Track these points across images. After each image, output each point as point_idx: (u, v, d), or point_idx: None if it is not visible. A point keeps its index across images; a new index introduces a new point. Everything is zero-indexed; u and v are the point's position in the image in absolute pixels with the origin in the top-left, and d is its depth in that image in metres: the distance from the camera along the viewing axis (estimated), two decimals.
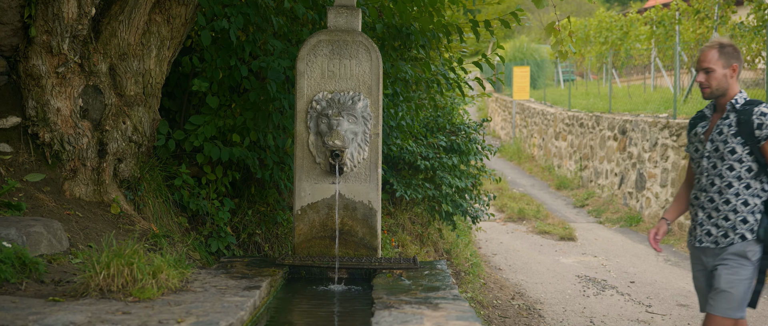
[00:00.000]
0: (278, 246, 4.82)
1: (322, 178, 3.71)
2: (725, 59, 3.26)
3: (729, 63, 3.26)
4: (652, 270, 7.96)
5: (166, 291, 2.70)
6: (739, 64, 3.29)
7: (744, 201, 3.24)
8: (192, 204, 4.27)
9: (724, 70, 3.26)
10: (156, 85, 4.03)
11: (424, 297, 2.91)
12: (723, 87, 3.28)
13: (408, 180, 6.52)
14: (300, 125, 3.71)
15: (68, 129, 3.65)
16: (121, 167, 3.89)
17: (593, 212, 12.12)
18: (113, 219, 3.67)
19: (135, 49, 3.86)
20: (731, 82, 3.28)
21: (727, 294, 3.20)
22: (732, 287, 3.19)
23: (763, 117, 3.17)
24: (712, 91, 3.29)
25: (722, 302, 3.21)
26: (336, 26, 3.74)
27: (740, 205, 3.24)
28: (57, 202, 3.52)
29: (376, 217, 3.73)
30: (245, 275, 3.21)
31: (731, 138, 3.24)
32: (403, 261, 3.60)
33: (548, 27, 5.29)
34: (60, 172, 3.66)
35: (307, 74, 3.70)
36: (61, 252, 3.12)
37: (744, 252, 3.20)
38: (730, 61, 3.26)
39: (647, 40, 17.89)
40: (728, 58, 3.27)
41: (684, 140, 9.76)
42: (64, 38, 3.54)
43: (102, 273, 2.58)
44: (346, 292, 3.38)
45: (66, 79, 3.62)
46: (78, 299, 2.53)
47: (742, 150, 3.22)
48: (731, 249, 3.22)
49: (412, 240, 6.90)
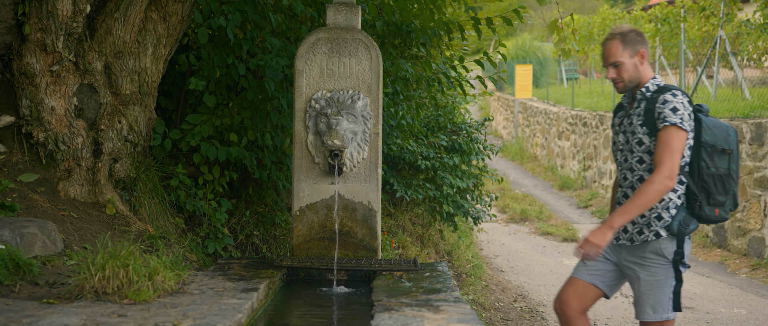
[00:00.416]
0: (276, 248, 4.81)
1: (321, 178, 3.71)
2: (631, 48, 3.14)
3: (635, 50, 3.14)
4: None
5: (162, 293, 2.70)
6: (646, 48, 3.16)
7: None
8: (189, 204, 4.27)
9: (632, 60, 3.13)
10: (152, 83, 4.03)
11: (425, 299, 2.91)
12: (635, 77, 3.15)
13: (408, 181, 6.52)
14: (298, 124, 3.70)
15: (63, 128, 3.64)
16: (117, 167, 3.89)
17: (597, 213, 12.11)
18: (108, 220, 3.67)
19: (131, 47, 3.85)
20: (642, 70, 3.16)
21: (648, 297, 3.13)
22: (652, 289, 3.12)
23: (663, 105, 3.04)
24: (626, 84, 3.17)
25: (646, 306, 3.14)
26: (335, 24, 3.73)
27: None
28: (51, 203, 3.52)
29: (375, 218, 3.73)
30: (243, 277, 3.21)
31: (638, 128, 3.12)
32: (403, 262, 3.59)
33: (551, 25, 5.29)
34: (54, 172, 3.66)
35: (306, 72, 3.70)
36: (56, 253, 3.12)
37: (660, 250, 3.10)
38: (636, 48, 3.14)
39: (652, 38, 17.88)
40: (634, 46, 3.14)
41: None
42: (59, 36, 3.54)
43: (97, 275, 2.58)
44: (346, 294, 3.37)
45: (60, 77, 3.62)
46: (73, 301, 2.52)
47: (649, 141, 3.09)
48: (648, 247, 3.12)
49: (412, 241, 6.89)
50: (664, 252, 3.11)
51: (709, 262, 8.38)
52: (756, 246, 8.09)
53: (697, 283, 7.41)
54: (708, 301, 6.70)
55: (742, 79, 11.28)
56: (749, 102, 10.16)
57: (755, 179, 8.18)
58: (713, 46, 12.25)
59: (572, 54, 5.68)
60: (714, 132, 3.11)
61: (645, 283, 3.14)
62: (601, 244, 3.00)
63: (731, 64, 11.71)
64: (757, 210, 8.14)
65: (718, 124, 3.15)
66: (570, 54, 5.50)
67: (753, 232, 8.17)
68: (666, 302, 3.12)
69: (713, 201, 3.11)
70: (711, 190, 3.10)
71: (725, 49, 11.87)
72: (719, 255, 8.51)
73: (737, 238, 8.45)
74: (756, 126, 8.23)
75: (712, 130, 3.11)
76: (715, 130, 3.11)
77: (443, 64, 6.12)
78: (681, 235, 3.10)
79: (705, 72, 12.84)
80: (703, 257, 8.63)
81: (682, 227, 3.09)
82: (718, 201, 3.11)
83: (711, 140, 3.10)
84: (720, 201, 3.12)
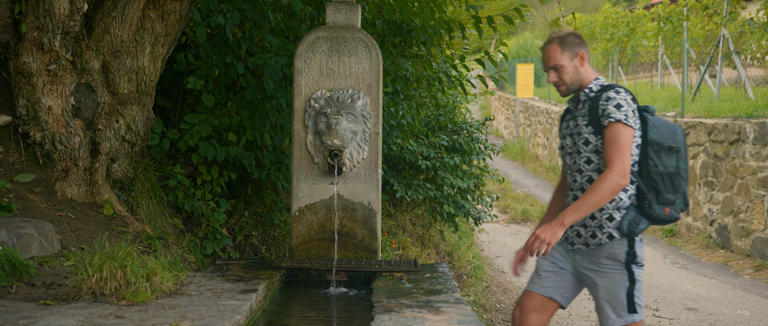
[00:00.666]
0: (275, 249, 4.82)
1: (320, 179, 3.71)
2: (570, 50, 3.15)
3: (574, 53, 3.15)
4: (659, 273, 7.96)
5: (160, 294, 2.70)
6: (585, 50, 3.17)
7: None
8: (187, 205, 4.27)
9: (572, 62, 3.14)
10: (150, 82, 4.03)
11: (426, 300, 2.91)
12: (577, 79, 3.16)
13: (409, 181, 6.52)
14: (298, 124, 3.71)
15: (60, 128, 3.65)
16: (114, 167, 3.89)
17: None
18: (106, 220, 3.67)
19: (128, 46, 3.86)
20: (584, 71, 3.16)
21: (609, 303, 3.12)
22: (611, 295, 3.11)
23: (606, 103, 3.03)
24: (568, 87, 3.18)
25: (608, 312, 3.13)
26: (335, 22, 3.74)
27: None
28: (48, 203, 3.52)
29: (375, 219, 3.73)
30: (241, 278, 3.21)
31: (584, 128, 3.12)
32: (403, 263, 3.60)
33: (553, 23, 5.29)
34: (51, 172, 3.66)
35: (305, 72, 3.70)
36: (53, 254, 3.12)
37: (614, 254, 3.10)
38: (575, 50, 3.15)
39: (654, 37, 17.89)
40: (572, 48, 3.15)
41: (693, 139, 9.77)
42: (56, 35, 3.54)
43: (94, 276, 2.58)
44: (345, 296, 3.37)
45: (57, 76, 3.62)
46: (70, 303, 2.53)
47: (595, 140, 3.09)
48: (603, 252, 3.11)
49: (412, 242, 6.90)
50: (618, 256, 3.10)
51: (712, 263, 8.38)
52: (760, 247, 8.09)
53: (700, 284, 7.41)
54: (711, 303, 6.70)
55: (745, 79, 11.28)
56: (753, 101, 10.16)
57: (759, 179, 8.18)
58: (716, 44, 12.25)
59: None
60: (660, 130, 3.11)
61: (603, 290, 3.13)
62: (550, 241, 2.97)
63: (734, 63, 11.71)
64: (761, 211, 8.15)
65: (665, 122, 3.15)
66: None
67: (756, 233, 8.17)
68: (629, 304, 3.11)
69: (663, 199, 3.09)
70: (660, 189, 3.09)
71: (728, 47, 11.87)
72: (722, 256, 8.51)
73: (740, 239, 8.45)
74: (760, 125, 8.23)
75: (659, 128, 3.11)
76: (662, 128, 3.12)
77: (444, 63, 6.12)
78: (631, 235, 3.08)
79: (708, 71, 12.84)
80: (706, 258, 8.63)
81: (632, 226, 3.07)
82: (667, 200, 3.10)
83: (657, 138, 3.09)
84: (670, 200, 3.10)
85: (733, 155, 8.73)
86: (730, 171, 8.76)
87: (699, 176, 9.50)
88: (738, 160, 8.60)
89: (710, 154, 9.25)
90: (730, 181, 8.74)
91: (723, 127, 8.99)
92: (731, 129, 8.79)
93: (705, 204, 9.28)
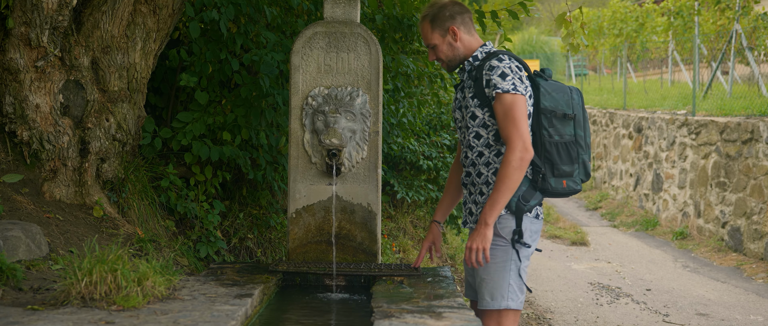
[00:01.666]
0: (271, 252, 4.82)
1: (318, 179, 3.71)
2: (440, 28, 3.11)
3: (445, 28, 3.10)
4: (669, 277, 7.96)
5: (152, 299, 2.70)
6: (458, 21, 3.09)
7: (495, 171, 3.04)
8: (180, 206, 4.27)
9: (444, 39, 3.11)
10: (141, 79, 4.03)
11: (427, 305, 2.91)
12: (457, 54, 3.12)
13: (410, 181, 6.52)
14: (295, 123, 3.71)
15: (48, 126, 3.65)
16: (105, 167, 3.89)
17: (607, 215, 12.12)
18: (96, 222, 3.67)
19: (119, 42, 3.86)
20: (462, 45, 3.10)
21: (486, 282, 3.03)
22: (489, 274, 3.01)
23: (490, 72, 2.95)
24: (449, 63, 3.15)
25: (483, 292, 3.04)
26: (333, 17, 3.74)
27: (492, 176, 3.06)
28: (36, 205, 3.52)
29: (375, 221, 3.73)
30: (236, 282, 3.21)
31: (470, 101, 3.06)
32: (404, 267, 3.60)
33: (559, 18, 5.30)
34: (39, 173, 3.66)
35: (303, 68, 3.70)
36: (41, 257, 3.12)
37: (498, 230, 3.01)
38: (445, 26, 3.10)
39: (664, 32, 17.90)
40: (443, 24, 3.10)
41: (704, 138, 9.77)
42: (44, 30, 3.54)
43: (84, 280, 2.58)
44: (344, 300, 3.37)
45: (45, 73, 3.62)
46: (58, 308, 2.53)
47: (482, 113, 3.03)
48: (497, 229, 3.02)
49: (414, 245, 6.90)
50: (502, 232, 3.01)
51: (724, 267, 8.38)
52: None
53: (711, 289, 7.41)
54: (723, 308, 6.70)
55: (758, 75, 11.29)
56: (766, 99, 10.17)
57: None
58: (729, 40, 12.25)
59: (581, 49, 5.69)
60: (554, 96, 3.02)
61: (483, 267, 3.03)
62: (485, 245, 2.94)
63: (748, 59, 11.72)
64: None
65: (560, 87, 3.06)
66: (579, 49, 5.51)
67: None
68: (505, 288, 3.01)
69: (558, 172, 3.01)
70: (554, 160, 3.01)
71: (741, 43, 11.88)
72: (735, 260, 8.52)
73: (754, 242, 8.45)
74: None
75: (553, 94, 3.03)
76: (556, 93, 3.03)
77: None
78: (520, 212, 3.00)
79: (720, 68, 12.85)
80: (718, 261, 8.63)
81: (522, 203, 2.99)
82: (563, 172, 3.02)
83: (551, 106, 3.01)
84: (566, 172, 3.02)
85: (746, 155, 8.73)
86: (742, 172, 8.76)
87: (710, 176, 9.50)
88: (751, 159, 8.60)
89: (722, 153, 9.25)
90: (743, 182, 8.73)
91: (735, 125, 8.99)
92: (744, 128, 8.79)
93: (717, 205, 9.27)
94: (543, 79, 3.06)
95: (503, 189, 2.91)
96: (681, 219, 10.29)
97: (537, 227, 3.08)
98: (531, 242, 3.07)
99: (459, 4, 3.15)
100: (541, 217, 3.09)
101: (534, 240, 3.09)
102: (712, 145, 9.51)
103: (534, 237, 3.09)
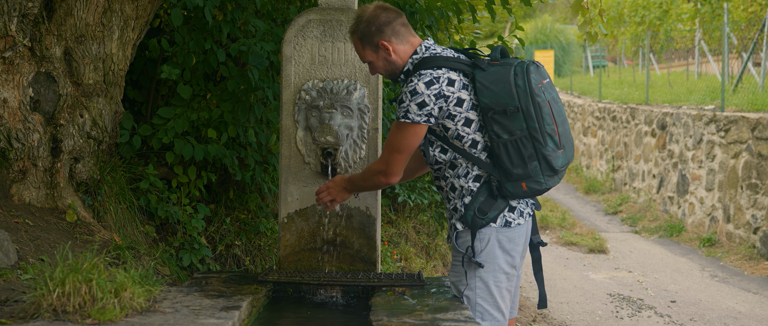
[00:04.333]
0: (261, 260, 4.82)
1: (312, 181, 3.71)
2: (370, 44, 3.09)
3: (375, 45, 3.08)
4: (696, 288, 7.97)
5: (130, 311, 2.70)
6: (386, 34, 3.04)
7: (451, 187, 3.07)
8: (161, 210, 4.28)
9: (377, 54, 3.10)
10: (119, 72, 4.03)
11: (431, 319, 2.91)
12: (395, 67, 3.10)
13: (412, 183, 6.53)
14: (286, 119, 3.71)
15: (16, 123, 3.65)
16: (78, 167, 3.89)
17: (628, 220, 12.12)
18: (69, 228, 3.68)
19: (94, 31, 3.86)
20: (396, 57, 3.07)
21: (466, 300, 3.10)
22: (460, 293, 3.09)
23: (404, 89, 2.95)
24: (390, 76, 3.15)
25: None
26: (328, 4, 3.74)
27: (449, 191, 3.09)
28: (3, 209, 3.52)
29: (374, 226, 3.74)
30: (223, 293, 3.22)
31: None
32: (406, 277, 3.60)
33: (575, 4, 5.30)
34: (7, 174, 3.67)
35: (295, 59, 3.71)
36: (9, 266, 3.12)
37: (455, 246, 3.06)
38: (374, 42, 3.07)
39: (691, 20, 17.90)
40: (371, 39, 3.08)
41: (734, 136, 9.77)
42: (12, 18, 3.55)
43: (56, 291, 2.58)
44: (340, 313, 3.38)
45: (14, 65, 3.62)
46: (28, 321, 2.53)
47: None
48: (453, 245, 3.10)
49: (416, 252, 6.90)
50: (461, 247, 3.06)
51: (756, 276, 8.38)
52: None
53: (742, 300, 7.41)
54: (755, 321, 6.71)
55: None
56: None
57: None
58: (761, 28, 12.25)
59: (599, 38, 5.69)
60: (492, 90, 2.92)
61: (452, 285, 3.18)
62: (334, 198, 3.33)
63: None
64: None
65: (499, 75, 2.93)
66: (597, 38, 5.52)
67: None
68: (473, 309, 3.04)
69: (512, 176, 2.95)
70: (505, 166, 2.95)
71: None
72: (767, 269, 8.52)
73: None
74: None
75: (490, 87, 2.92)
76: (494, 86, 2.92)
77: None
78: (475, 227, 3.00)
79: (751, 59, 12.85)
80: (749, 270, 8.63)
81: (478, 218, 2.99)
82: (517, 175, 2.94)
83: (489, 101, 2.92)
84: (520, 175, 2.94)
85: None
86: None
87: (741, 178, 9.51)
88: None
89: (754, 152, 9.25)
90: None
91: None
92: None
93: (748, 209, 9.28)
94: (481, 69, 2.96)
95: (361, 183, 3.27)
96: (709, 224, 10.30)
97: (512, 234, 3.05)
98: (501, 252, 3.04)
99: (387, 9, 3.10)
100: (515, 222, 3.05)
101: (512, 248, 3.07)
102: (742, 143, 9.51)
103: (510, 246, 3.06)
